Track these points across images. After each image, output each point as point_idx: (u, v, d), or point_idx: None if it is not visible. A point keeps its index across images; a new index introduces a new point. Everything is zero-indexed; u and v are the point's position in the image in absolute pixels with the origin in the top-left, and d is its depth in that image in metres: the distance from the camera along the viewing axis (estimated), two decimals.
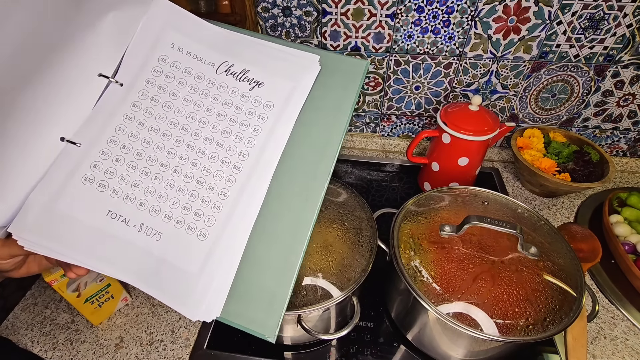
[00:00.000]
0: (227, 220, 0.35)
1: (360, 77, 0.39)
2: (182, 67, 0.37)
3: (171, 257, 0.33)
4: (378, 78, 0.72)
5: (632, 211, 0.62)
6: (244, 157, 0.37)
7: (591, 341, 0.50)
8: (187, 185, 0.35)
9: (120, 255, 0.33)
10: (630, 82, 0.67)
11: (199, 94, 0.37)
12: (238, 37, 0.40)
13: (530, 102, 0.72)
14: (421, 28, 0.64)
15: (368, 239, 0.47)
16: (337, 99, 0.39)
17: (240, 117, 0.37)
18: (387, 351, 0.49)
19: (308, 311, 0.40)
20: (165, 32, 0.38)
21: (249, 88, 0.38)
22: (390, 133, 0.83)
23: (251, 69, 0.38)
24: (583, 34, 0.62)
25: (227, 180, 0.36)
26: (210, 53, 0.38)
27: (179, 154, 0.36)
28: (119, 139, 0.35)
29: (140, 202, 0.34)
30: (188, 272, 0.33)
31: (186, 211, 0.35)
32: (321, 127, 0.38)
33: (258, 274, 0.34)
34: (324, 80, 0.39)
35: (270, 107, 0.38)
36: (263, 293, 0.34)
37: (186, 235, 0.34)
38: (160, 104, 0.36)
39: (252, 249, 0.35)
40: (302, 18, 0.65)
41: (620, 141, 0.77)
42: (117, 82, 0.35)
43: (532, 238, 0.46)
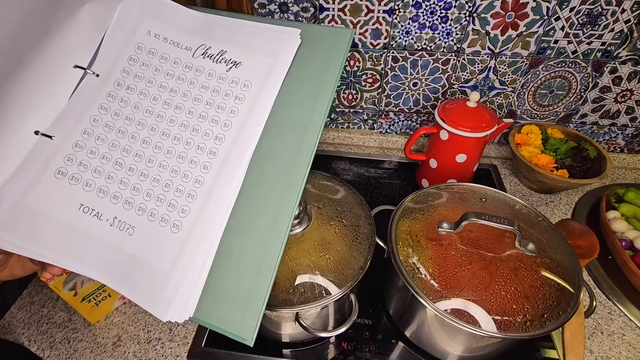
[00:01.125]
0: (202, 209, 0.33)
1: (344, 48, 0.36)
2: (158, 54, 0.37)
3: (144, 253, 0.32)
4: (376, 74, 0.72)
5: (630, 207, 0.62)
6: (220, 141, 0.35)
7: (588, 337, 0.50)
8: (161, 174, 0.34)
9: (93, 252, 0.31)
10: (628, 78, 0.67)
11: (175, 79, 0.36)
12: (216, 19, 0.38)
13: (528, 98, 0.72)
14: (419, 24, 0.63)
15: (366, 236, 0.47)
16: (320, 74, 0.36)
17: (216, 100, 0.36)
18: (385, 348, 0.49)
19: (306, 309, 0.40)
20: (142, 20, 0.37)
21: (226, 69, 0.37)
22: (388, 130, 0.83)
23: (229, 49, 0.37)
24: (581, 30, 0.61)
25: (202, 167, 0.34)
26: (187, 37, 0.37)
27: (154, 142, 0.34)
28: (94, 131, 0.34)
29: (114, 195, 0.33)
30: (159, 270, 0.32)
31: (160, 202, 0.33)
32: (303, 105, 0.36)
33: (234, 270, 0.32)
34: (305, 54, 0.37)
35: (248, 86, 0.36)
36: (240, 291, 0.32)
37: (159, 228, 0.33)
38: (136, 92, 0.35)
39: (228, 242, 0.33)
40: (299, 14, 0.64)
41: (617, 137, 0.77)
42: (93, 72, 0.35)
43: (530, 234, 0.46)
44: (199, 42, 0.37)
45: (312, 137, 0.35)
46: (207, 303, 0.31)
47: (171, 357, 0.48)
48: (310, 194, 0.51)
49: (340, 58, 0.36)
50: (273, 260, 0.32)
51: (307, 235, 0.45)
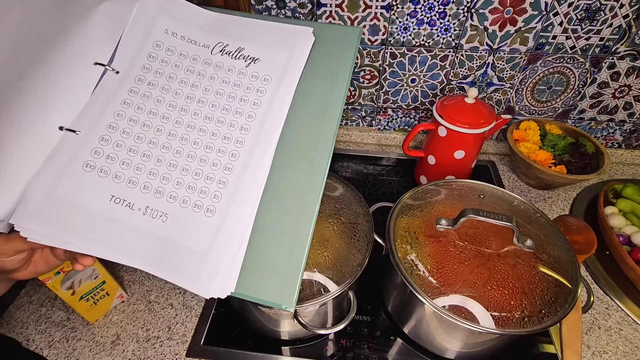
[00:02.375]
0: (234, 194, 0.35)
1: (355, 43, 0.39)
2: (177, 51, 0.38)
3: (179, 237, 0.33)
4: (374, 71, 0.71)
5: (627, 202, 0.63)
6: (245, 131, 0.37)
7: (586, 332, 0.51)
8: (190, 164, 0.35)
9: (127, 240, 0.33)
10: (626, 74, 0.67)
11: (195, 75, 0.38)
12: (230, 18, 0.40)
13: (527, 94, 0.72)
14: (417, 20, 0.63)
15: (364, 233, 0.47)
16: (334, 66, 0.39)
17: (238, 93, 0.38)
18: (383, 344, 0.49)
19: (305, 306, 0.40)
20: (158, 19, 0.38)
21: (245, 65, 0.38)
22: (386, 127, 0.82)
23: (246, 46, 0.39)
24: (579, 25, 0.61)
25: (231, 155, 0.36)
26: (204, 35, 0.39)
27: (180, 134, 0.36)
28: (118, 125, 0.35)
29: (144, 185, 0.34)
30: (197, 251, 0.33)
31: (191, 190, 0.35)
32: (321, 94, 0.38)
33: (270, 245, 0.34)
34: (319, 50, 0.39)
35: (268, 80, 0.38)
36: (277, 263, 0.34)
37: (193, 214, 0.34)
38: (158, 87, 0.37)
39: (261, 221, 0.35)
40: (297, 10, 0.64)
41: (615, 133, 0.77)
42: (113, 69, 0.36)
43: (528, 230, 0.46)
44: (216, 40, 0.39)
45: (332, 122, 0.37)
46: (246, 278, 0.33)
47: (170, 356, 0.48)
48: None
49: (352, 52, 0.39)
50: (307, 232, 0.34)
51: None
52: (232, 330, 0.50)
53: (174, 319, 0.52)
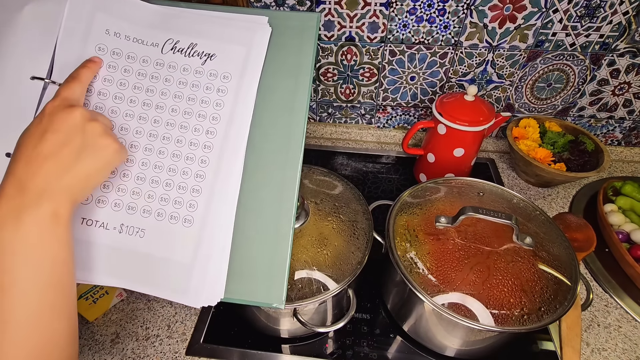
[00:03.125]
0: (209, 201, 0.34)
1: (314, 30, 0.37)
2: (124, 54, 0.35)
3: (160, 251, 0.33)
4: (373, 69, 0.71)
5: (627, 200, 0.62)
6: (211, 134, 0.35)
7: (585, 329, 0.51)
8: (159, 175, 0.34)
9: (107, 261, 0.32)
10: (626, 71, 0.67)
11: (148, 79, 0.35)
12: (177, 11, 0.37)
13: (526, 91, 0.72)
14: (416, 17, 0.63)
15: (364, 231, 0.47)
16: (295, 57, 0.37)
17: (198, 95, 0.35)
18: (383, 342, 0.49)
19: (304, 304, 0.40)
20: (96, 18, 0.34)
21: (201, 62, 0.36)
22: (385, 124, 0.82)
23: (198, 41, 0.36)
24: (579, 22, 0.61)
25: (200, 161, 0.35)
26: (151, 33, 0.36)
27: (143, 145, 0.34)
28: None
29: (114, 202, 0.33)
30: (182, 262, 0.33)
31: (164, 202, 0.34)
32: (285, 89, 0.36)
33: (253, 247, 0.34)
34: (277, 40, 0.37)
35: (228, 78, 0.36)
36: (262, 264, 0.34)
37: (170, 226, 0.33)
38: (110, 97, 0.34)
39: (241, 224, 0.34)
40: (295, 8, 0.63)
41: (615, 130, 0.76)
42: (55, 82, 0.32)
43: (527, 228, 0.46)
44: (164, 37, 0.36)
45: (300, 118, 0.36)
46: (233, 282, 0.33)
47: (170, 354, 0.48)
48: (308, 190, 0.51)
49: (311, 41, 0.37)
50: (287, 230, 0.34)
51: (305, 231, 0.44)
52: (231, 328, 0.50)
53: (174, 317, 0.52)
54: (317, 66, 0.72)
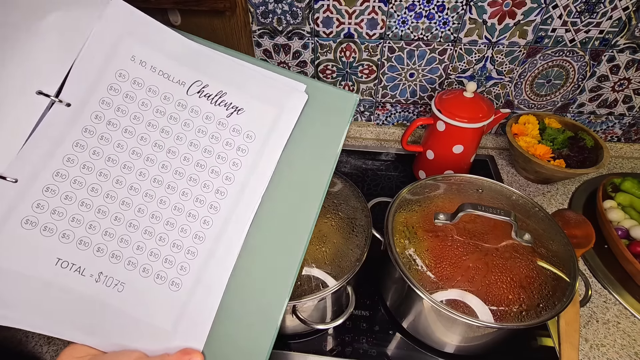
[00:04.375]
0: (203, 268, 0.30)
1: (349, 113, 0.34)
2: (145, 85, 0.31)
3: (138, 311, 0.29)
4: (372, 65, 0.71)
5: (626, 196, 0.62)
6: (221, 195, 0.32)
7: (584, 325, 0.51)
8: (154, 226, 0.30)
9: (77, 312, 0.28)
10: (626, 67, 0.66)
11: (166, 118, 0.31)
12: (212, 53, 0.33)
13: (526, 88, 0.72)
14: (415, 13, 0.62)
15: (362, 228, 0.47)
16: (323, 135, 0.34)
17: (216, 148, 0.32)
18: (382, 339, 0.49)
19: (303, 301, 0.40)
20: (124, 42, 0.31)
21: (227, 114, 0.33)
22: (385, 121, 0.82)
23: (229, 91, 0.33)
24: (579, 18, 0.61)
25: (203, 221, 0.31)
26: (179, 69, 0.32)
27: (144, 189, 0.30)
28: (69, 172, 0.29)
29: (98, 247, 0.29)
30: (159, 327, 0.29)
31: (154, 257, 0.30)
32: (306, 166, 0.33)
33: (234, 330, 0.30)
34: (309, 113, 0.34)
35: (252, 137, 0.33)
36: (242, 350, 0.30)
37: (155, 286, 0.29)
38: (120, 129, 0.30)
39: (229, 303, 0.30)
40: (294, 4, 0.63)
41: (614, 126, 0.76)
42: (62, 101, 0.29)
43: (526, 225, 0.46)
44: (193, 77, 0.32)
45: (313, 208, 0.33)
46: None
47: None
48: None
49: (345, 123, 0.34)
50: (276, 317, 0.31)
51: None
52: None
53: None
54: (316, 63, 0.72)
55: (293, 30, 0.67)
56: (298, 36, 0.68)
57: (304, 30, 0.67)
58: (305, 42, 0.68)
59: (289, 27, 0.67)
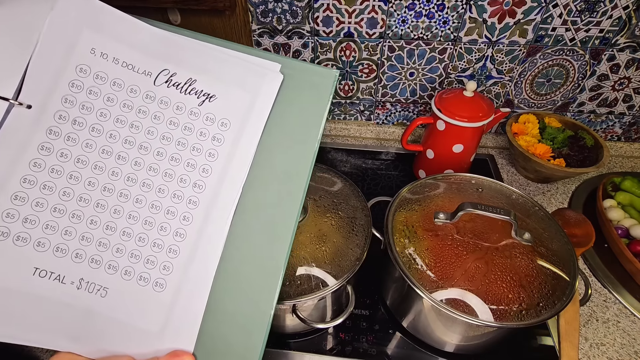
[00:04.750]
0: (187, 265, 0.30)
1: (329, 91, 0.33)
2: (109, 79, 0.30)
3: (124, 315, 0.28)
4: (372, 65, 0.71)
5: (626, 195, 0.62)
6: (199, 188, 0.31)
7: (583, 324, 0.51)
8: (132, 227, 0.29)
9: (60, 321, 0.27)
10: (626, 66, 0.66)
11: (135, 112, 0.30)
12: (180, 39, 0.32)
13: (526, 87, 0.72)
14: (415, 12, 0.62)
15: (362, 227, 0.47)
16: (303, 117, 0.33)
17: (190, 140, 0.31)
18: (382, 338, 0.49)
19: (303, 300, 0.40)
20: (82, 34, 0.29)
21: (198, 102, 0.31)
22: (385, 121, 0.82)
23: (198, 78, 0.31)
24: (579, 17, 0.61)
25: (182, 218, 0.30)
26: (144, 59, 0.31)
27: (118, 189, 0.29)
28: (37, 177, 0.27)
29: (76, 252, 0.28)
30: (146, 330, 0.28)
31: (135, 259, 0.29)
32: (287, 150, 0.32)
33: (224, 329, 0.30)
34: (286, 94, 0.33)
35: (227, 125, 0.32)
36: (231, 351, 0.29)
37: (138, 288, 0.29)
38: (86, 127, 0.29)
39: (217, 299, 0.30)
40: (294, 3, 0.63)
41: (615, 126, 0.76)
42: (22, 104, 0.27)
43: (526, 224, 0.46)
44: (160, 66, 0.31)
45: (300, 187, 0.32)
46: None
47: None
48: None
49: (325, 103, 0.33)
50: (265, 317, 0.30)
51: (304, 228, 0.44)
52: None
53: None
54: (316, 62, 0.72)
55: (293, 29, 0.67)
56: (298, 35, 0.68)
57: (303, 29, 0.67)
58: (305, 41, 0.68)
59: (288, 27, 0.67)
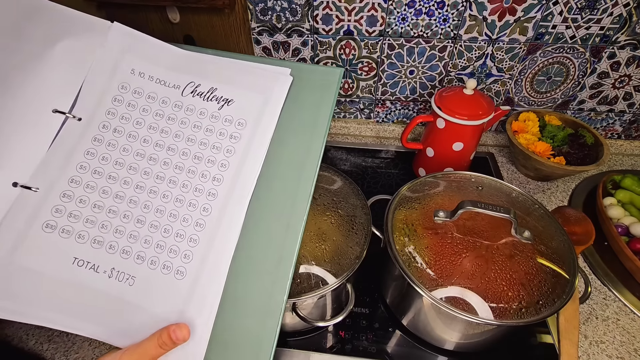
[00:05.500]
0: (206, 254, 0.32)
1: (335, 87, 0.37)
2: (145, 93, 0.35)
3: (146, 302, 0.31)
4: (372, 63, 0.71)
5: (626, 193, 0.62)
6: (218, 182, 0.34)
7: (583, 322, 0.51)
8: (159, 220, 0.32)
9: (92, 308, 0.30)
10: (627, 63, 0.66)
11: (165, 119, 0.35)
12: (201, 56, 0.38)
13: (526, 85, 0.72)
14: (415, 10, 0.62)
15: (362, 226, 0.47)
16: (312, 112, 0.36)
17: (211, 140, 0.35)
18: (382, 336, 0.49)
19: (303, 299, 0.40)
20: (124, 59, 0.35)
21: (218, 107, 0.36)
22: (384, 119, 0.82)
23: (219, 86, 0.36)
24: (579, 14, 0.60)
25: (202, 209, 0.33)
26: (173, 75, 0.36)
27: (149, 187, 0.33)
28: (82, 178, 0.32)
29: (110, 244, 0.31)
30: (167, 320, 0.30)
31: (160, 249, 0.32)
32: (298, 143, 0.36)
33: (239, 315, 0.31)
34: (296, 93, 0.37)
35: (243, 125, 0.35)
36: (246, 337, 0.31)
37: (162, 276, 0.31)
38: (124, 134, 0.34)
39: (231, 286, 0.32)
40: (293, 1, 0.63)
41: (615, 123, 0.76)
42: (75, 117, 0.33)
43: (526, 222, 0.46)
44: (186, 80, 0.36)
45: (309, 179, 0.35)
46: (213, 351, 0.30)
47: None
48: None
49: (331, 98, 0.37)
50: (279, 304, 0.31)
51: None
52: None
53: None
54: (316, 61, 0.72)
55: (292, 27, 0.67)
56: (297, 33, 0.67)
57: (303, 27, 0.66)
58: (304, 39, 0.68)
59: (288, 25, 0.66)
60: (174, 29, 0.68)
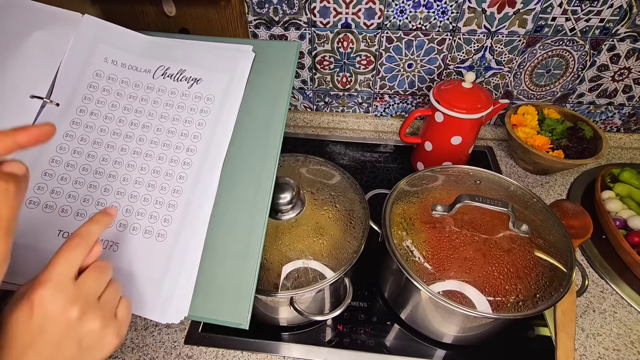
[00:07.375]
0: (184, 216, 0.35)
1: (293, 58, 0.41)
2: (118, 79, 0.38)
3: (131, 265, 0.33)
4: (370, 56, 0.70)
5: (624, 187, 0.62)
6: (192, 152, 0.37)
7: (580, 315, 0.51)
8: (138, 190, 0.35)
9: None
10: (626, 56, 0.66)
11: (138, 101, 0.38)
12: (169, 41, 0.41)
13: (525, 78, 0.71)
14: (413, 2, 0.61)
15: (360, 220, 0.46)
16: (274, 81, 0.40)
17: (183, 115, 0.38)
18: (380, 330, 0.50)
19: (301, 293, 0.40)
20: (97, 48, 0.38)
21: (188, 86, 0.39)
22: (383, 113, 0.81)
23: (187, 68, 0.39)
24: (579, 6, 0.60)
25: (179, 177, 0.36)
26: (144, 61, 0.39)
27: (126, 161, 0.36)
28: (62, 158, 0.35)
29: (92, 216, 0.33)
30: (151, 278, 0.33)
31: (141, 216, 0.35)
32: (263, 110, 0.39)
33: (220, 265, 0.34)
34: (259, 68, 0.41)
35: (211, 100, 0.39)
36: (228, 283, 0.34)
37: (144, 240, 0.34)
38: (100, 117, 0.37)
39: (211, 241, 0.35)
40: None
41: (614, 117, 0.76)
42: (52, 102, 0.35)
43: (524, 216, 0.46)
44: (157, 64, 0.39)
45: (275, 140, 0.38)
46: (199, 299, 0.34)
47: (169, 343, 0.48)
48: (304, 179, 0.50)
49: (290, 68, 0.40)
50: (255, 251, 0.35)
51: (301, 221, 0.44)
52: None
53: None
54: (314, 54, 0.71)
55: (290, 20, 0.66)
56: (295, 26, 0.67)
57: (300, 20, 0.66)
58: (302, 32, 0.68)
59: (285, 18, 0.66)
60: (169, 22, 0.67)
